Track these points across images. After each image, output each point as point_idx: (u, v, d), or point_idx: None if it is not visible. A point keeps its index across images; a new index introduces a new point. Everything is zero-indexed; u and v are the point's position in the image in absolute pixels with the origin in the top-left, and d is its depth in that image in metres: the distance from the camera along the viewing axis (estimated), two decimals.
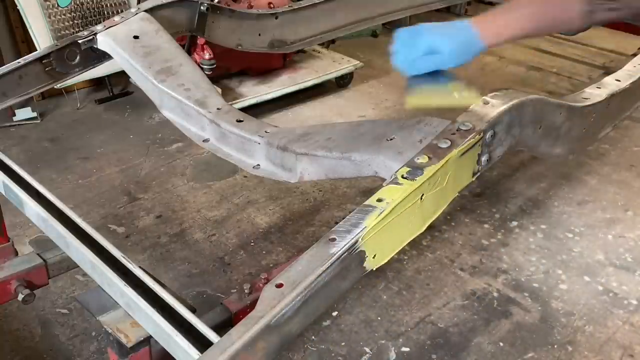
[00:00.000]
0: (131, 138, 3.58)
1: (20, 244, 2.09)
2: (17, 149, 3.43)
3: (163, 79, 1.60)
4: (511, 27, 1.30)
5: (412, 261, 2.60)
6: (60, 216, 1.26)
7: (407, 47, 1.32)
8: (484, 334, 2.25)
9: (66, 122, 3.76)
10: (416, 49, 1.31)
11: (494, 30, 1.30)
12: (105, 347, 2.06)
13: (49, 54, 1.69)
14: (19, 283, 1.59)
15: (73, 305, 2.31)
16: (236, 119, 1.44)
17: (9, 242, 1.74)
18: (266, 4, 3.60)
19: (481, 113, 1.20)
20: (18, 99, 1.68)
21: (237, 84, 3.88)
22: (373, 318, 2.30)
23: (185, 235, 2.73)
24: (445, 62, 1.31)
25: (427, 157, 1.10)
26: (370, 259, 1.01)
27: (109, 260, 1.13)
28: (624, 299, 2.39)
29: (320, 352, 2.15)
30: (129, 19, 1.77)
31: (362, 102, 4.11)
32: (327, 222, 2.83)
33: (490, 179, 3.18)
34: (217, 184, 3.12)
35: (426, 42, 1.30)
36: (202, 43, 3.38)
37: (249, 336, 0.86)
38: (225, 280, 2.47)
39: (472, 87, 1.31)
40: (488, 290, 2.46)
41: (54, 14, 3.57)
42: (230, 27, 2.08)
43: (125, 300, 1.08)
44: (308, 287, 0.92)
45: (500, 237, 2.76)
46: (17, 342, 2.17)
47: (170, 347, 0.98)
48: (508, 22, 1.30)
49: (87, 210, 2.87)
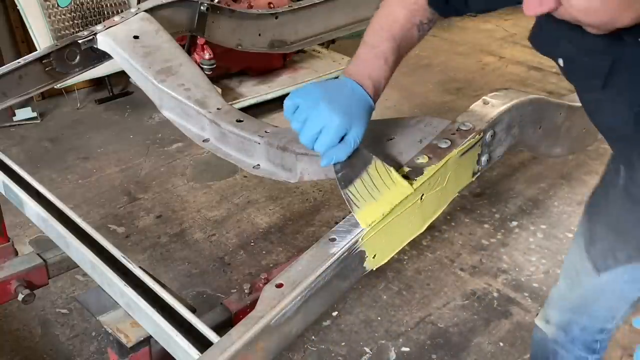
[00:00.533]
0: (131, 138, 3.58)
1: (20, 244, 2.09)
2: (17, 149, 3.43)
3: (163, 79, 1.60)
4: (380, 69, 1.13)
5: (412, 261, 2.60)
6: (60, 216, 1.26)
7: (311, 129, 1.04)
8: (484, 334, 2.25)
9: (66, 122, 3.76)
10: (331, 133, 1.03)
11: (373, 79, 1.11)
12: (105, 347, 2.06)
13: (49, 54, 1.69)
14: (19, 283, 1.59)
15: (73, 305, 2.31)
16: (236, 119, 1.44)
17: (9, 242, 1.74)
18: (266, 4, 3.61)
19: (481, 113, 1.20)
20: (18, 99, 1.68)
21: (237, 84, 3.88)
22: (373, 318, 2.30)
23: (185, 235, 2.73)
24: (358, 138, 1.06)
25: (427, 157, 1.10)
26: (370, 259, 1.01)
27: (109, 260, 1.13)
28: None
29: (320, 352, 2.15)
30: (129, 19, 1.77)
31: None
32: (327, 222, 2.83)
33: (490, 179, 3.18)
34: (217, 184, 3.12)
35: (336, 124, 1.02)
36: (202, 43, 3.38)
37: (249, 336, 0.86)
38: (225, 280, 2.47)
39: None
40: (488, 290, 2.46)
41: (54, 14, 3.57)
42: (230, 27, 2.07)
43: (125, 300, 1.08)
44: (308, 287, 0.92)
45: (500, 237, 2.76)
46: (17, 342, 2.17)
47: (170, 347, 0.98)
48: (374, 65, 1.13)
49: (87, 210, 2.87)
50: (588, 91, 0.99)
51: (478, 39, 5.08)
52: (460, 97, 4.11)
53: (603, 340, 1.47)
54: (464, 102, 3.79)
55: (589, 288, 1.38)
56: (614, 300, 1.38)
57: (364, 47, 1.14)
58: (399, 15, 1.15)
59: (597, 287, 1.36)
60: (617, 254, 1.28)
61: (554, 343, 1.53)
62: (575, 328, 1.46)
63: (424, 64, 4.74)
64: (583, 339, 1.47)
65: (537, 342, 1.62)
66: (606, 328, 1.44)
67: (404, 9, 1.16)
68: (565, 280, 1.46)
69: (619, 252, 1.27)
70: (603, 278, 1.32)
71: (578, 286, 1.41)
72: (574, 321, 1.46)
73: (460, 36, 5.17)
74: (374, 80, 1.09)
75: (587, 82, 0.96)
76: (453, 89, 4.28)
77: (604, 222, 1.30)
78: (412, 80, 4.45)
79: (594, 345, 1.48)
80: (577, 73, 0.98)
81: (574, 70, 0.98)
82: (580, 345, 1.48)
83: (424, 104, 4.11)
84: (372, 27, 1.17)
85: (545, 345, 1.57)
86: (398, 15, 1.15)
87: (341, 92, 1.05)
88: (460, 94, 4.18)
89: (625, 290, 1.34)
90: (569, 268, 1.45)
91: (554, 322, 1.51)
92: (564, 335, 1.49)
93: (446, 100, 4.14)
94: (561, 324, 1.49)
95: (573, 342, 1.49)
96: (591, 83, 0.93)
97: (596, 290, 1.37)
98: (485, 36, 5.10)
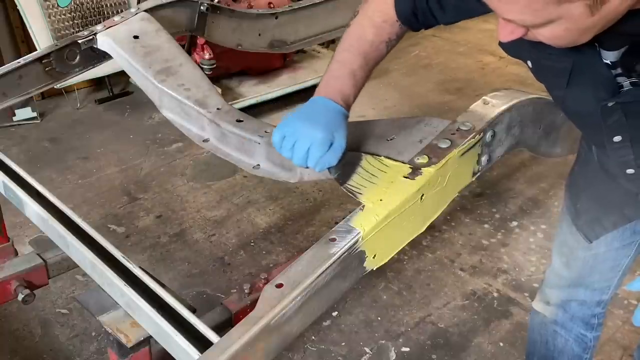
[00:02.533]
0: (131, 138, 3.58)
1: (20, 244, 2.09)
2: (17, 149, 3.43)
3: (163, 79, 1.60)
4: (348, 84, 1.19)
5: (412, 261, 2.60)
6: (60, 216, 1.26)
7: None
8: (484, 334, 2.25)
9: (66, 122, 3.76)
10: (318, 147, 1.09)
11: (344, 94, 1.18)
12: (105, 347, 2.06)
13: (49, 54, 1.69)
14: (18, 283, 1.58)
15: (73, 305, 2.31)
16: (236, 119, 1.44)
17: (9, 242, 1.74)
18: (266, 4, 3.60)
19: (481, 113, 1.20)
20: (18, 99, 1.68)
21: (237, 84, 3.88)
22: (373, 318, 2.30)
23: (185, 235, 2.73)
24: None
25: (427, 157, 1.10)
26: (370, 259, 1.01)
27: (109, 260, 1.13)
28: (624, 299, 2.39)
29: (320, 352, 2.15)
30: (129, 19, 1.77)
31: (362, 102, 4.08)
32: (327, 222, 2.83)
33: (490, 179, 3.18)
34: (217, 184, 3.12)
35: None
36: (202, 43, 3.38)
37: (249, 336, 0.86)
38: (225, 280, 2.47)
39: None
40: (488, 290, 2.46)
41: (54, 14, 3.57)
42: (230, 27, 2.08)
43: (125, 300, 1.08)
44: (308, 287, 0.92)
45: (500, 237, 2.76)
46: (17, 342, 2.17)
47: (170, 347, 0.98)
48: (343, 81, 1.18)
49: (87, 210, 2.87)
50: (555, 89, 1.09)
51: (478, 39, 5.08)
52: (460, 97, 4.11)
53: (600, 315, 1.57)
54: (464, 102, 3.79)
55: (584, 261, 1.47)
56: (607, 269, 1.47)
57: (335, 64, 1.21)
58: (368, 33, 1.22)
59: (591, 259, 1.46)
60: (603, 222, 1.39)
61: (554, 324, 1.61)
62: (574, 304, 1.55)
63: (424, 64, 4.74)
64: (582, 315, 1.56)
65: (535, 327, 1.69)
66: (603, 300, 1.53)
67: (373, 27, 1.22)
68: (560, 259, 1.54)
69: (604, 220, 1.38)
70: (595, 249, 1.43)
71: (573, 261, 1.50)
72: (572, 297, 1.54)
73: (461, 36, 5.17)
74: (343, 95, 1.17)
75: (553, 81, 1.06)
76: (453, 89, 4.28)
77: (586, 196, 1.40)
78: (412, 80, 4.45)
79: (592, 321, 1.57)
80: (544, 74, 1.08)
81: (540, 71, 1.08)
82: (580, 322, 1.57)
83: (424, 104, 4.11)
84: (342, 45, 1.23)
85: (544, 328, 1.65)
86: (367, 34, 1.21)
87: (317, 111, 1.14)
88: (460, 94, 4.18)
89: (618, 258, 1.44)
90: (561, 246, 1.53)
91: (553, 302, 1.59)
92: (563, 312, 1.58)
93: (446, 100, 4.14)
94: (560, 302, 1.57)
95: (572, 320, 1.58)
96: (557, 82, 1.04)
97: (590, 262, 1.46)
98: (485, 36, 5.09)
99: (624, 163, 1.10)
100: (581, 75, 0.97)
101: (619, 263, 1.46)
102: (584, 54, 0.90)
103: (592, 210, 1.40)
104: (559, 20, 0.79)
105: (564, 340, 1.61)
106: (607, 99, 0.96)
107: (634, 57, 0.90)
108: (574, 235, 1.45)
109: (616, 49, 0.91)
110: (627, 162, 1.09)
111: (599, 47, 0.91)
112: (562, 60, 0.96)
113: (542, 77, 1.10)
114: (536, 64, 1.06)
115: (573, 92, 1.02)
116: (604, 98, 0.97)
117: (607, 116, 0.99)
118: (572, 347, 1.61)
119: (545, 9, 0.77)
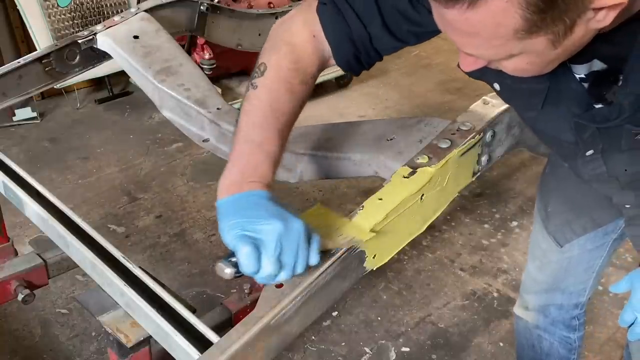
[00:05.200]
0: (131, 138, 3.58)
1: (20, 244, 2.09)
2: (17, 149, 3.43)
3: (163, 79, 1.60)
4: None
5: (412, 261, 2.60)
6: (60, 216, 1.26)
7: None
8: (484, 334, 2.25)
9: (66, 122, 3.76)
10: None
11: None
12: (105, 347, 2.06)
13: (49, 53, 1.68)
14: (18, 283, 1.58)
15: (73, 305, 2.31)
16: (236, 119, 1.44)
17: (9, 242, 1.74)
18: (266, 4, 3.60)
19: (481, 113, 1.20)
20: (18, 99, 1.68)
21: (237, 84, 3.88)
22: (373, 318, 2.30)
23: (185, 235, 2.73)
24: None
25: (427, 157, 1.10)
26: (370, 259, 1.01)
27: (109, 260, 1.13)
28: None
29: (320, 352, 2.15)
30: (129, 19, 1.77)
31: (362, 102, 4.11)
32: None
33: (490, 179, 3.18)
34: (217, 184, 3.11)
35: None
36: (202, 43, 3.38)
37: (249, 336, 0.86)
38: (225, 280, 2.46)
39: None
40: (488, 290, 2.46)
41: (54, 14, 3.57)
42: (230, 27, 2.07)
43: (125, 300, 1.08)
44: (308, 287, 0.92)
45: (500, 237, 2.76)
46: (17, 342, 2.17)
47: (170, 347, 0.98)
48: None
49: (87, 210, 2.87)
50: (527, 110, 1.03)
51: None
52: (460, 97, 4.11)
53: (580, 316, 1.57)
54: (464, 102, 3.79)
55: (557, 264, 1.47)
56: (581, 272, 1.47)
57: (248, 145, 1.04)
58: (284, 103, 1.04)
59: (564, 262, 1.45)
60: (572, 226, 1.38)
61: (536, 328, 1.61)
62: (553, 309, 1.55)
63: (424, 64, 4.74)
64: (562, 318, 1.56)
65: (521, 331, 1.69)
66: (580, 302, 1.53)
67: (289, 94, 1.04)
68: (534, 262, 1.54)
69: (574, 224, 1.38)
70: (568, 252, 1.42)
71: (547, 265, 1.49)
72: (550, 301, 1.54)
73: None
74: (268, 182, 1.01)
75: (528, 102, 1.00)
76: (453, 89, 4.28)
77: (556, 199, 1.39)
78: (412, 80, 4.45)
79: (573, 323, 1.57)
80: (516, 96, 1.03)
81: (512, 93, 1.02)
82: (561, 325, 1.57)
83: (424, 104, 4.11)
84: (255, 116, 1.04)
85: (529, 332, 1.65)
86: (283, 104, 1.03)
87: (271, 221, 0.90)
88: (460, 93, 4.18)
89: (591, 259, 1.44)
90: (535, 248, 1.53)
91: (532, 307, 1.59)
92: (544, 317, 1.58)
93: (446, 100, 4.14)
94: (539, 307, 1.57)
95: (554, 324, 1.57)
96: (531, 103, 0.99)
97: (564, 265, 1.46)
98: None
99: (596, 175, 1.06)
100: (557, 92, 0.94)
101: (593, 264, 1.45)
102: (557, 71, 0.86)
103: (563, 214, 1.39)
104: (521, 54, 0.77)
105: (549, 344, 1.61)
106: (580, 114, 0.93)
107: (601, 87, 0.88)
108: (545, 239, 1.44)
109: (586, 62, 0.88)
110: (599, 174, 1.05)
111: (568, 63, 0.88)
112: (540, 81, 0.91)
113: (514, 98, 1.05)
114: (506, 87, 1.00)
115: (546, 111, 0.97)
116: (577, 114, 0.94)
117: (581, 132, 0.96)
118: (557, 349, 1.61)
119: (506, 45, 0.75)
